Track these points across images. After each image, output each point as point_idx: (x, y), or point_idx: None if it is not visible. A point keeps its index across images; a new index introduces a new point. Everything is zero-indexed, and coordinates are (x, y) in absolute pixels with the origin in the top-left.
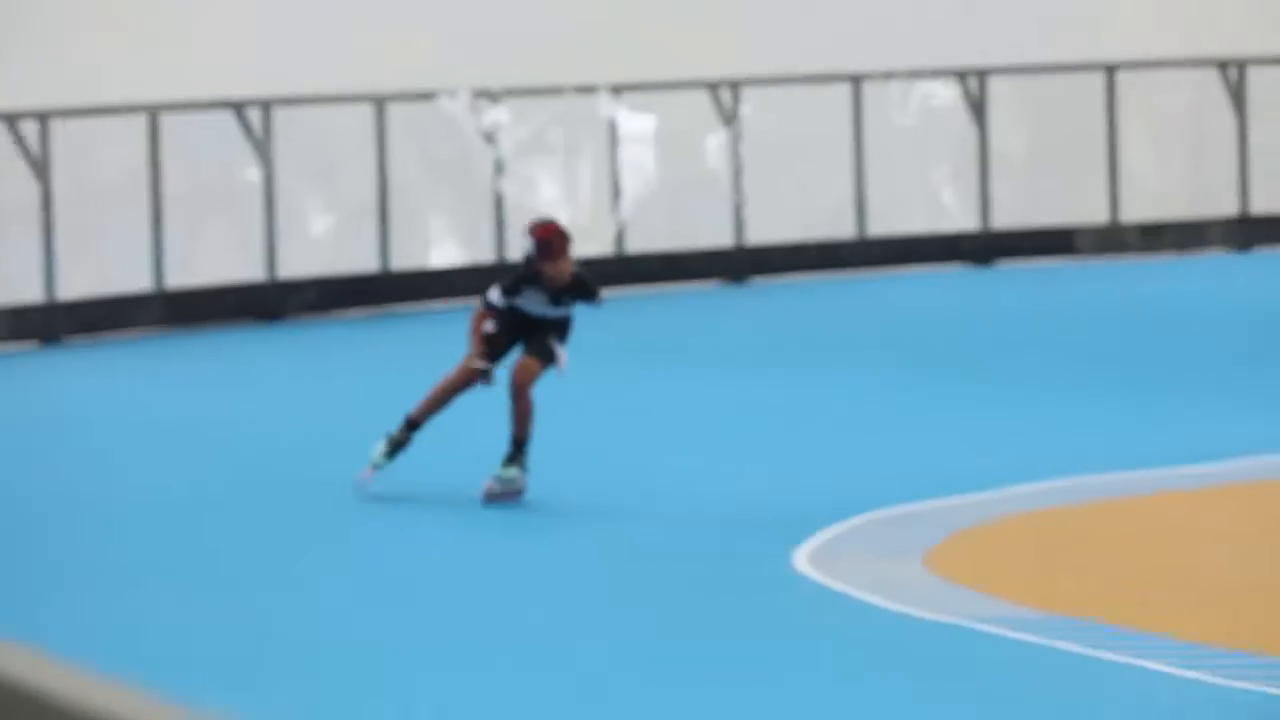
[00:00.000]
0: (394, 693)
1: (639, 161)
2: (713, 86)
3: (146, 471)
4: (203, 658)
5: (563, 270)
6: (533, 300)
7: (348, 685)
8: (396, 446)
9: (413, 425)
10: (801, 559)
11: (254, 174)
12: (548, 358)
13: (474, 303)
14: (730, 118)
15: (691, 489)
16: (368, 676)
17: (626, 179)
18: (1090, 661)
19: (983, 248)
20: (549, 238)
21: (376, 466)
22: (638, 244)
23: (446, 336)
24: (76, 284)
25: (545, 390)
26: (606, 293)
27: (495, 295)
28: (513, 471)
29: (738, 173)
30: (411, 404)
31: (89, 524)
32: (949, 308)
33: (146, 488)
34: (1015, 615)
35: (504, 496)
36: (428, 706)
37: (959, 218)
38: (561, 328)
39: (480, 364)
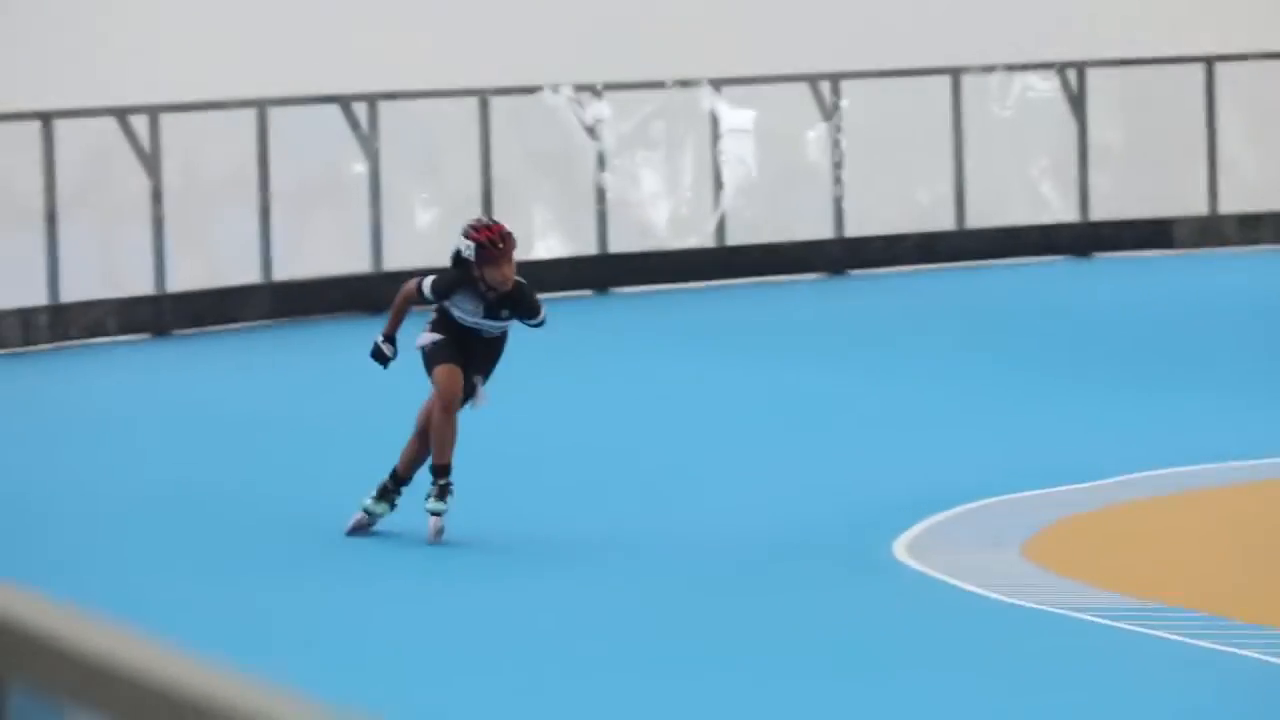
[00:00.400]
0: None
1: (740, 154)
2: (813, 80)
3: (242, 460)
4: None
5: (505, 276)
6: (465, 307)
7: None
8: (443, 493)
9: (439, 470)
10: (900, 548)
11: (360, 168)
12: (469, 394)
13: (577, 295)
14: (830, 111)
15: (790, 480)
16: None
17: (727, 172)
18: (1186, 649)
19: (1081, 240)
20: (490, 240)
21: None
22: (738, 236)
23: (549, 327)
24: (186, 276)
25: (638, 381)
26: (707, 284)
27: (428, 287)
28: (383, 507)
29: (837, 165)
30: (511, 385)
31: (174, 510)
32: (1046, 300)
33: (238, 477)
34: (1113, 604)
35: (364, 529)
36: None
37: (1058, 210)
38: (493, 354)
39: (388, 348)
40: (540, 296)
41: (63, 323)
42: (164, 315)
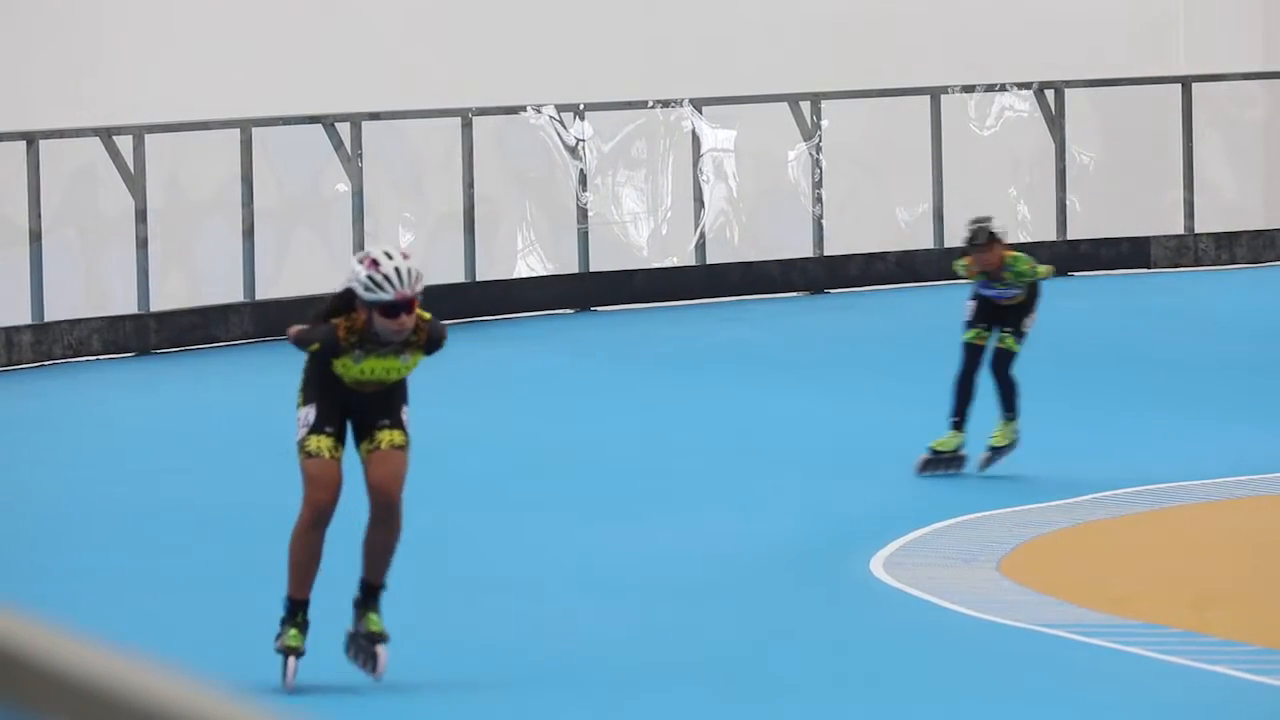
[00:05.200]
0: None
1: (720, 174)
2: (793, 100)
3: (229, 477)
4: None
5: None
6: None
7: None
8: None
9: None
10: (877, 565)
11: (343, 187)
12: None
13: (558, 313)
14: (811, 131)
15: (767, 496)
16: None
17: (708, 191)
18: (1160, 666)
19: (1059, 258)
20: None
21: None
22: (718, 255)
23: (531, 345)
24: (169, 295)
25: (617, 399)
26: (688, 303)
27: None
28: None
29: (818, 185)
30: (494, 403)
31: (161, 526)
32: None
33: (224, 493)
34: (1089, 620)
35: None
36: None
37: (1036, 229)
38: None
39: None
40: (523, 315)
41: (46, 341)
42: (148, 334)
